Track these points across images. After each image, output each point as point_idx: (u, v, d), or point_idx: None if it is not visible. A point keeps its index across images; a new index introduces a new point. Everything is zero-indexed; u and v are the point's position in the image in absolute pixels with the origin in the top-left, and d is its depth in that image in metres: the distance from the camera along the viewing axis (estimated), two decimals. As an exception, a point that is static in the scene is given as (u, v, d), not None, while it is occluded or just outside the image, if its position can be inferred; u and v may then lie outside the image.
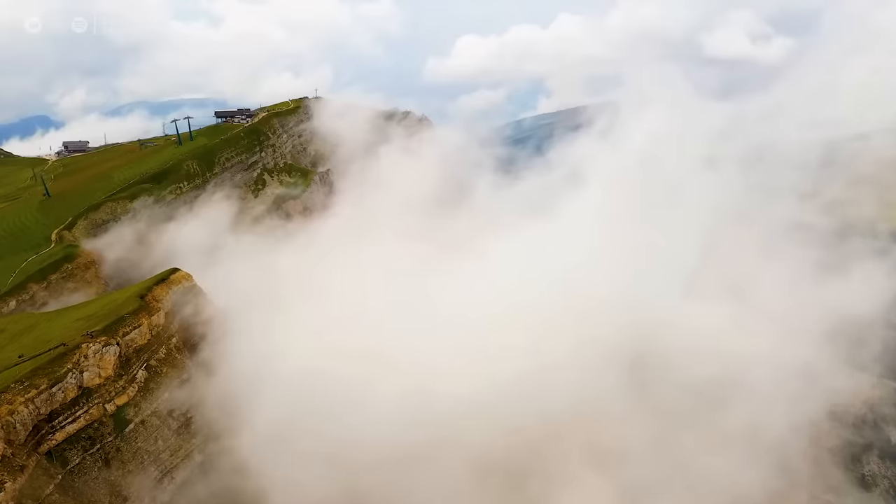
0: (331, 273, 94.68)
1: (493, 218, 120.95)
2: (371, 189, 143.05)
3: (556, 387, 66.18)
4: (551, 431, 64.18)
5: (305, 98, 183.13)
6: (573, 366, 68.89)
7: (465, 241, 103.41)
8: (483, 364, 68.71)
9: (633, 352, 72.16)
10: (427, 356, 69.34)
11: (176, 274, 67.60)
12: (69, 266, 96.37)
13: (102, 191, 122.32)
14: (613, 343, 71.83)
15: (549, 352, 70.35)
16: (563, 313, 75.64)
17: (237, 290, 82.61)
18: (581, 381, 67.85)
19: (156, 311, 59.36)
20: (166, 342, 59.19)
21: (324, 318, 75.68)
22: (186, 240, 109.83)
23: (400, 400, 63.18)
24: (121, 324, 55.50)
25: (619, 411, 67.38)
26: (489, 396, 64.28)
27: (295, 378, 62.72)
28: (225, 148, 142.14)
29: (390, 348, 69.60)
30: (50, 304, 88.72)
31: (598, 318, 74.17)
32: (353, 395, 62.83)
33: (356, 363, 65.65)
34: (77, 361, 50.85)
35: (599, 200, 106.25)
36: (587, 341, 71.49)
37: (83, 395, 50.64)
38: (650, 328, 74.08)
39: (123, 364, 53.82)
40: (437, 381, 65.27)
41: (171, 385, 56.66)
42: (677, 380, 69.63)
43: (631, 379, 70.20)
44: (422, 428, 61.30)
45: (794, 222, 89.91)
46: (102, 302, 65.00)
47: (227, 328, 65.92)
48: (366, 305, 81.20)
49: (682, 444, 65.63)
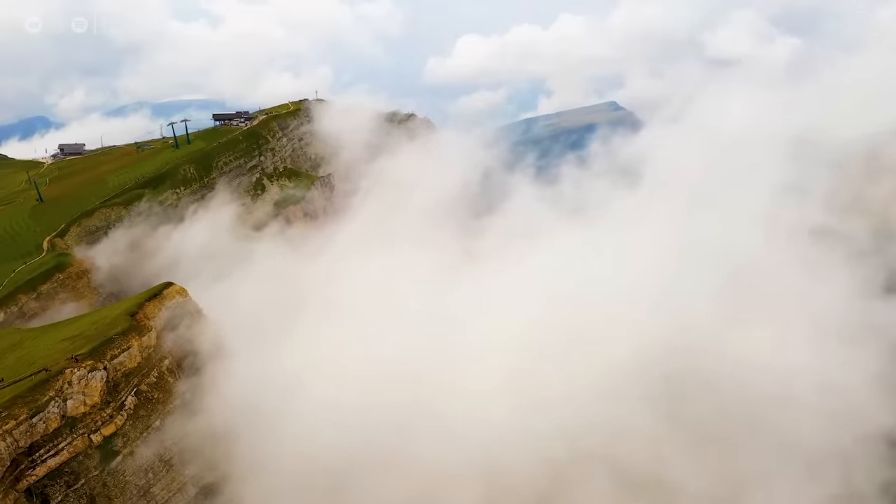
0: (341, 284, 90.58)
1: (510, 226, 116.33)
2: (377, 194, 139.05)
3: (584, 407, 61.92)
4: (578, 454, 59.74)
5: (305, 100, 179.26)
6: (602, 384, 64.48)
7: (481, 251, 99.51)
8: (513, 384, 64.72)
9: (667, 369, 67.05)
10: (454, 376, 65.41)
11: (169, 289, 63.61)
12: (60, 276, 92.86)
13: (96, 196, 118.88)
14: (645, 360, 66.94)
15: (577, 370, 66.04)
16: (592, 327, 71.37)
17: (237, 303, 78.85)
18: (610, 400, 63.40)
19: (147, 330, 55.40)
20: (158, 365, 55.22)
21: (335, 334, 71.70)
22: (183, 248, 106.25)
23: (427, 426, 59.20)
24: (108, 346, 51.59)
25: (652, 434, 62.56)
26: (525, 419, 60.33)
27: (306, 405, 58.68)
28: (223, 152, 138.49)
29: (413, 370, 65.32)
30: (39, 315, 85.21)
31: (629, 333, 69.61)
32: (374, 428, 58.68)
33: (378, 390, 61.57)
34: (60, 388, 46.94)
35: (629, 207, 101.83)
36: (617, 358, 66.99)
37: (66, 426, 46.73)
38: (686, 343, 68.95)
39: (111, 390, 49.91)
40: (468, 403, 61.42)
41: (163, 412, 52.69)
42: (718, 400, 64.47)
43: (665, 398, 65.21)
44: (453, 455, 57.43)
45: (834, 229, 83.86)
46: (91, 319, 61.07)
47: (226, 348, 61.78)
48: (383, 321, 76.93)
49: (724, 470, 60.74)
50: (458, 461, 57.55)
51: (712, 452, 61.56)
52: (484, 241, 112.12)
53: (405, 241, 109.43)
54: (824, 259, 79.32)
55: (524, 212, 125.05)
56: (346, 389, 61.84)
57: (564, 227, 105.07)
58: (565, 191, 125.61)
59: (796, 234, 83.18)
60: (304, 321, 76.90)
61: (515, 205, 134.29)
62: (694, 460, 60.52)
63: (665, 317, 72.29)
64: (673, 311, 72.92)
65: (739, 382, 64.87)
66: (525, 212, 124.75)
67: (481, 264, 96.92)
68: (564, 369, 67.30)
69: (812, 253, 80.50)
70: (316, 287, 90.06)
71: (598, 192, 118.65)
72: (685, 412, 64.40)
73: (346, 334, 72.74)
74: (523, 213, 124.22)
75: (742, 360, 66.28)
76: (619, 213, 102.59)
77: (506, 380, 66.60)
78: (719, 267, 77.50)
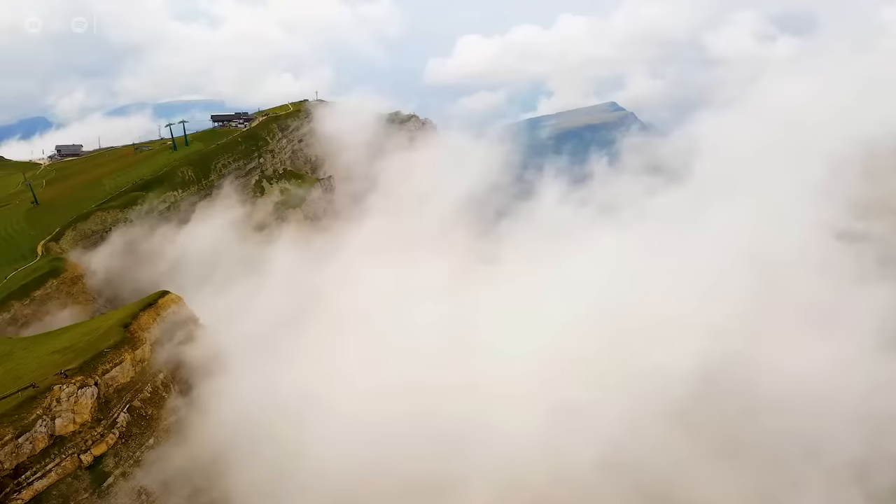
0: (353, 291, 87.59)
1: (533, 229, 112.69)
2: (383, 196, 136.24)
3: (610, 426, 58.86)
4: (607, 477, 56.70)
5: (306, 101, 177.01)
6: (628, 400, 61.49)
7: (501, 254, 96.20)
8: (542, 393, 61.93)
9: (700, 377, 63.61)
10: (480, 386, 62.64)
11: (165, 298, 61.17)
12: (54, 281, 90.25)
13: (93, 199, 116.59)
14: (678, 367, 63.67)
15: (604, 383, 62.93)
16: (620, 338, 68.36)
17: (238, 312, 76.28)
18: (641, 408, 60.21)
19: (140, 343, 52.93)
20: (152, 379, 52.71)
21: (350, 345, 68.77)
22: (180, 253, 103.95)
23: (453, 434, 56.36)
24: (100, 360, 49.13)
25: (680, 444, 59.26)
26: (550, 432, 57.58)
27: (319, 419, 55.63)
28: (221, 154, 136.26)
29: (431, 385, 62.31)
30: (33, 322, 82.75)
31: (662, 345, 66.49)
32: (396, 443, 55.73)
33: (400, 403, 58.65)
34: (48, 406, 44.47)
35: (659, 208, 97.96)
36: (649, 364, 64.04)
37: (55, 445, 44.29)
38: (721, 351, 65.60)
39: (102, 407, 47.44)
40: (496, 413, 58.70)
41: (158, 429, 50.16)
42: (749, 409, 60.82)
43: (696, 407, 61.83)
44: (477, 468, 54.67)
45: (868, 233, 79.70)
46: (83, 330, 58.64)
47: (226, 360, 59.10)
48: (401, 329, 73.92)
49: (755, 481, 57.34)
50: (484, 473, 54.70)
51: (742, 462, 58.37)
52: (504, 245, 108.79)
53: (417, 245, 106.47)
54: (860, 263, 75.67)
55: (548, 214, 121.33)
56: (365, 404, 58.68)
57: (592, 230, 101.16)
58: (593, 191, 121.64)
59: (831, 236, 79.09)
60: (314, 331, 73.87)
61: (537, 206, 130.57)
62: (723, 471, 57.39)
63: (701, 321, 68.79)
64: (708, 317, 69.29)
65: (774, 391, 61.36)
66: (549, 214, 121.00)
67: (502, 268, 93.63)
68: (595, 378, 64.14)
69: (848, 256, 76.74)
70: (324, 293, 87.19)
71: (623, 193, 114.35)
72: (715, 421, 61.10)
73: (362, 345, 69.69)
74: (547, 215, 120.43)
75: (777, 368, 62.72)
76: (650, 213, 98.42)
77: (535, 388, 63.48)
78: (755, 271, 73.60)
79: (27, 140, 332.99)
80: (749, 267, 75.19)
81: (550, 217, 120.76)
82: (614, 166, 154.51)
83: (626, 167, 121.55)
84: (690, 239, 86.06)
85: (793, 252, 77.12)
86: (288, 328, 74.67)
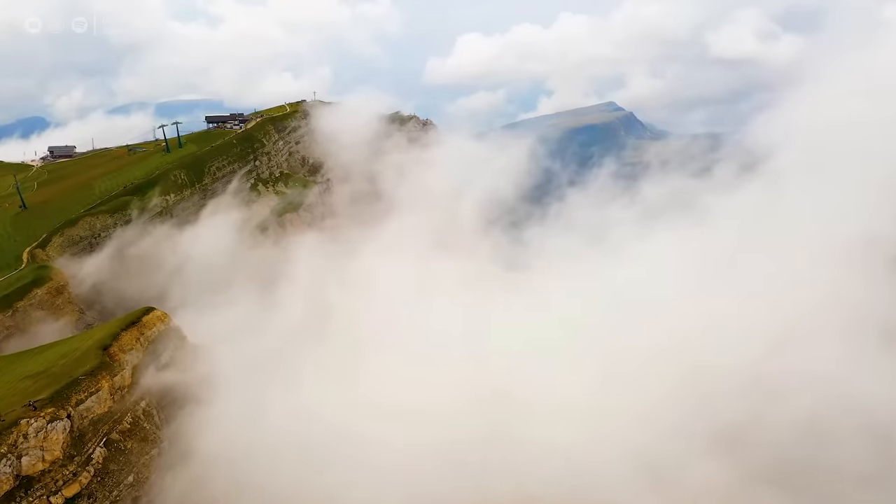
0: (354, 299, 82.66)
1: (564, 231, 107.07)
2: (386, 199, 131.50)
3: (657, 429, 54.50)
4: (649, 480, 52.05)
5: (303, 101, 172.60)
6: (675, 407, 56.91)
7: (528, 260, 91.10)
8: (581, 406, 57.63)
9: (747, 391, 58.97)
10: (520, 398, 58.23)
11: (149, 315, 56.66)
12: (39, 291, 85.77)
13: (82, 203, 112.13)
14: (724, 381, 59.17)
15: (650, 391, 58.69)
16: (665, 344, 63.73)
17: (232, 327, 71.25)
18: (683, 424, 55.69)
19: (120, 368, 48.43)
20: (132, 408, 48.19)
21: (371, 363, 63.87)
22: (171, 260, 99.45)
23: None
24: (74, 388, 44.65)
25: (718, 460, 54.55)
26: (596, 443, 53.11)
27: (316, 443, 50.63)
28: (216, 156, 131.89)
29: (444, 408, 57.62)
30: (15, 335, 78.44)
31: (691, 360, 61.95)
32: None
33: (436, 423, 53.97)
34: (14, 443, 40.02)
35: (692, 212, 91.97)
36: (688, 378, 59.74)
37: (21, 487, 39.83)
38: (770, 367, 60.45)
39: (75, 442, 42.99)
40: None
41: (138, 465, 45.66)
42: (794, 429, 55.94)
43: (737, 422, 57.40)
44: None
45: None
46: (61, 351, 54.14)
47: (218, 381, 54.40)
48: (431, 340, 69.07)
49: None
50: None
51: (786, 488, 53.45)
52: (529, 249, 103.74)
53: (432, 249, 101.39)
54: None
55: (576, 217, 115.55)
56: (393, 428, 53.46)
57: (626, 235, 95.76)
58: (616, 196, 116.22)
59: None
60: (327, 348, 68.45)
61: (564, 207, 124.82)
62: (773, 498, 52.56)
63: (751, 334, 63.76)
64: (756, 329, 64.18)
65: (821, 413, 56.56)
66: (577, 217, 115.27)
67: (531, 275, 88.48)
68: (637, 391, 59.56)
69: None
70: (335, 302, 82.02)
71: (656, 196, 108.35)
72: (755, 439, 56.32)
73: (385, 361, 64.57)
74: (576, 217, 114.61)
75: (825, 386, 57.76)
76: (686, 218, 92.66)
77: (577, 401, 58.97)
78: (808, 284, 67.72)
79: (25, 139, 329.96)
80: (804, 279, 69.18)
81: (586, 220, 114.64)
82: (617, 167, 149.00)
83: (646, 168, 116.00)
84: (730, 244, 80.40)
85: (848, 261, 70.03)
86: (296, 344, 69.19)
